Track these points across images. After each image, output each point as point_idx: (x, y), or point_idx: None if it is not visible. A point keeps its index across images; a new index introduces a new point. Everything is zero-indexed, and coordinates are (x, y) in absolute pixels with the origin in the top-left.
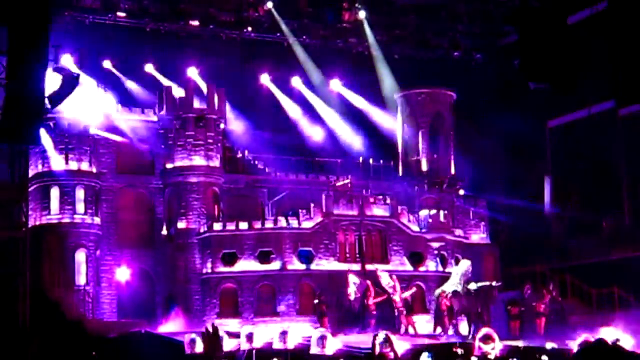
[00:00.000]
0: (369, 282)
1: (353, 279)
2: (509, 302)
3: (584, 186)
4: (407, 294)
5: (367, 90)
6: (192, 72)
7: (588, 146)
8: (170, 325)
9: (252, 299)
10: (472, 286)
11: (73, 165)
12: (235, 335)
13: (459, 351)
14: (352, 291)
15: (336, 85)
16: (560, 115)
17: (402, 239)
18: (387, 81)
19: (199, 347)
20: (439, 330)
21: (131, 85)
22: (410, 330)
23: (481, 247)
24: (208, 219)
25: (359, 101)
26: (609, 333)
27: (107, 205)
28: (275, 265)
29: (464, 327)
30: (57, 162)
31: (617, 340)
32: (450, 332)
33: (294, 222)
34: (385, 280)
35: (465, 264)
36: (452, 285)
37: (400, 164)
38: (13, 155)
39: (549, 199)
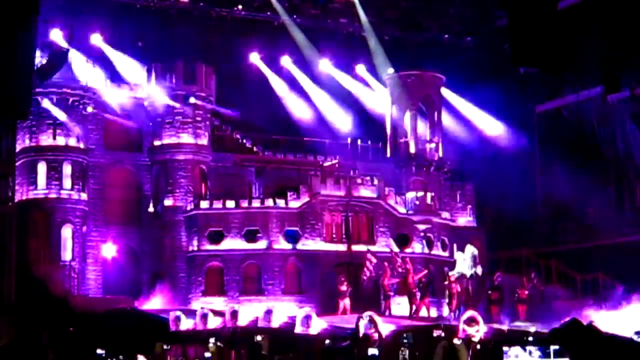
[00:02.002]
0: (385, 263)
1: (370, 259)
2: (490, 288)
3: (571, 171)
4: (419, 276)
5: (357, 71)
6: (182, 50)
7: (576, 131)
8: (156, 303)
9: (237, 278)
10: (479, 270)
11: (61, 141)
12: (220, 314)
13: (436, 333)
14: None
15: (326, 65)
16: (549, 100)
17: (389, 221)
18: (378, 62)
19: (184, 325)
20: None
21: (120, 61)
22: (423, 313)
23: (467, 230)
24: (195, 197)
25: (348, 82)
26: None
27: (94, 181)
28: (262, 244)
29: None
30: (45, 137)
31: (592, 321)
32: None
33: (281, 202)
34: (400, 262)
35: (471, 250)
36: (467, 269)
37: (388, 145)
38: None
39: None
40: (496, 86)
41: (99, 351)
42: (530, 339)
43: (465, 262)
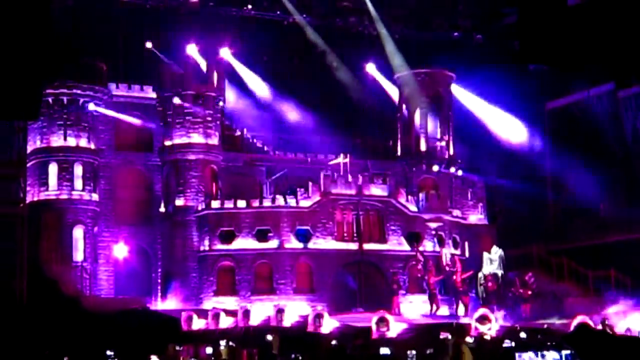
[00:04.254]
0: (431, 261)
1: (419, 257)
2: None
3: (582, 167)
4: (466, 275)
5: (366, 69)
6: (192, 50)
7: (586, 128)
8: (168, 303)
9: (249, 277)
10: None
11: (71, 142)
12: (232, 313)
13: (448, 336)
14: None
15: (335, 63)
16: (559, 96)
17: (400, 219)
18: (392, 60)
19: (196, 325)
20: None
21: (131, 61)
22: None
23: (479, 228)
24: (206, 196)
25: (359, 79)
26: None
27: (105, 182)
28: (273, 243)
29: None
30: (56, 138)
31: (605, 319)
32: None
33: (292, 201)
34: (447, 260)
35: (498, 250)
36: (497, 269)
37: (399, 143)
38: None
39: None
40: (506, 83)
41: (108, 352)
42: (524, 335)
43: (494, 262)
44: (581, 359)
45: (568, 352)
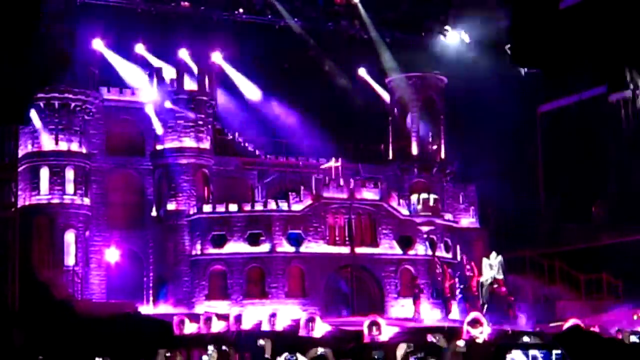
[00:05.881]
0: (445, 266)
1: (438, 263)
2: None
3: (574, 171)
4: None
5: (358, 72)
6: (183, 54)
7: (578, 131)
8: (159, 307)
9: (241, 281)
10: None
11: (63, 146)
12: (224, 317)
13: (435, 338)
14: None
15: (327, 67)
16: (551, 100)
17: (392, 223)
18: (384, 64)
19: (188, 329)
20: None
21: (121, 65)
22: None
23: (471, 231)
24: (198, 200)
25: (349, 83)
26: None
27: (96, 186)
28: (265, 247)
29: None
30: (47, 142)
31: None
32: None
33: (283, 205)
34: (439, 264)
35: (497, 256)
36: (499, 274)
37: (390, 147)
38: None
39: None
40: (498, 87)
41: (97, 359)
42: (527, 339)
43: (494, 267)
44: (571, 358)
45: (559, 351)
